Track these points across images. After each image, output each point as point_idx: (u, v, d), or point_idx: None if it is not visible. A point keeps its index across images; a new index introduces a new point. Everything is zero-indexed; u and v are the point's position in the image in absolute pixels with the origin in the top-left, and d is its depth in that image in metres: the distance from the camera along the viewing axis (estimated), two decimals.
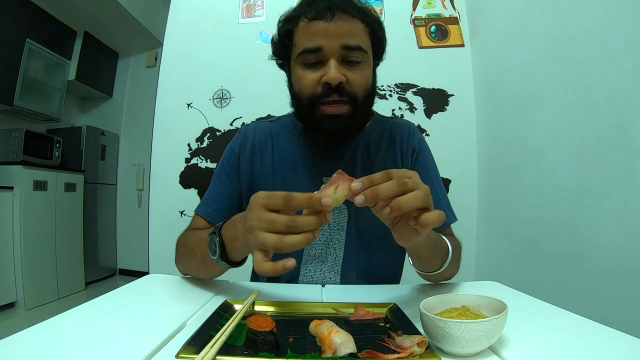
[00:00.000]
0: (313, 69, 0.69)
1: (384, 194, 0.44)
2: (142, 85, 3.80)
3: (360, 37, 0.69)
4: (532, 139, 1.27)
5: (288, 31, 0.72)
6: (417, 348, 0.39)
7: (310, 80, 0.69)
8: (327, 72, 0.66)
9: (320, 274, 0.79)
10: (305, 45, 0.68)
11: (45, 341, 0.43)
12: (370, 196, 0.44)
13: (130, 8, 3.24)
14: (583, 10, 1.04)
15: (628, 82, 0.89)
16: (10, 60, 2.77)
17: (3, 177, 2.61)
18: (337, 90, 0.67)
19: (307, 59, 0.69)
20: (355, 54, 0.68)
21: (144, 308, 0.58)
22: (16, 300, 2.56)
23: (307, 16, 0.68)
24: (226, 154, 0.84)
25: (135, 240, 3.65)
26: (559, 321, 0.53)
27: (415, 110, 1.67)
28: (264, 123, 0.86)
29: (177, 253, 0.75)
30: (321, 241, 0.78)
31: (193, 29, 1.75)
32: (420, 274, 0.69)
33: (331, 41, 0.66)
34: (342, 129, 0.70)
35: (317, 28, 0.67)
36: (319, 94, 0.68)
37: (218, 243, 0.57)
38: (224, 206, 0.80)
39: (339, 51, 0.67)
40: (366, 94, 0.71)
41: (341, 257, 0.79)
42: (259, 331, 0.41)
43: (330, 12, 0.66)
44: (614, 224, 0.92)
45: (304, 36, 0.69)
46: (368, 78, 0.72)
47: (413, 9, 1.73)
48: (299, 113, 0.75)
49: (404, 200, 0.44)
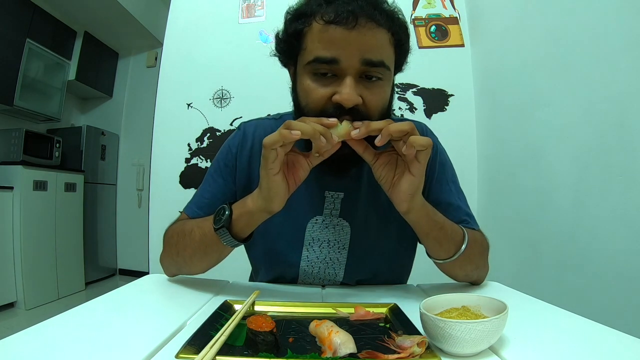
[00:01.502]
0: (324, 81, 0.58)
1: (374, 125, 0.52)
2: (142, 85, 3.80)
3: (385, 51, 0.59)
4: (532, 139, 1.27)
5: (298, 31, 0.60)
6: (417, 348, 0.39)
7: (320, 96, 0.58)
8: (341, 91, 0.56)
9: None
10: (319, 54, 0.57)
11: (45, 341, 0.43)
12: (364, 128, 0.53)
13: (130, 8, 3.24)
14: (583, 11, 1.04)
15: (628, 82, 0.89)
16: (10, 60, 2.77)
17: (3, 177, 2.61)
18: (350, 113, 0.57)
19: (318, 68, 0.58)
20: (377, 70, 0.58)
21: (144, 308, 0.58)
22: (16, 300, 2.56)
23: (323, 17, 0.57)
24: (223, 152, 0.76)
25: (135, 240, 3.65)
26: (559, 321, 0.53)
27: (415, 110, 1.67)
28: (265, 121, 0.78)
29: (165, 247, 0.70)
30: (319, 260, 0.73)
31: (193, 29, 1.75)
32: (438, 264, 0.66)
33: (351, 53, 0.56)
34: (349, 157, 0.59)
35: (335, 35, 0.56)
36: (328, 114, 0.56)
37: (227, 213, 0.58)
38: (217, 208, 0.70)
39: (358, 66, 0.56)
40: (381, 115, 0.60)
41: (341, 276, 0.74)
42: (259, 331, 0.41)
43: (353, 17, 0.55)
44: (614, 224, 0.92)
45: (317, 41, 0.58)
46: (386, 97, 0.62)
47: (413, 9, 1.73)
48: None
49: (391, 126, 0.51)
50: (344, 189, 0.72)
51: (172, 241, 0.68)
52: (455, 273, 0.69)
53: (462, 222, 0.70)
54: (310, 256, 0.72)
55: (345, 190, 0.72)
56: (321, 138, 0.51)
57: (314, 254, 0.72)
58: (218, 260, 0.67)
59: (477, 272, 0.70)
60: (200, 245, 0.64)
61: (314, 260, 0.73)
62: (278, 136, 0.50)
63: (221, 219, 0.58)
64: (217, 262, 0.67)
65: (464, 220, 0.71)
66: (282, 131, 0.50)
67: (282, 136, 0.50)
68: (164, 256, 0.71)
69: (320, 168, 0.62)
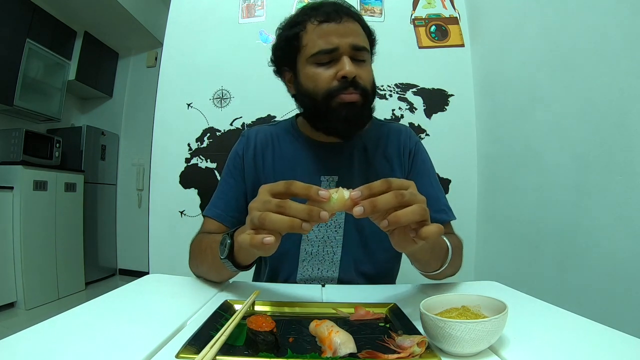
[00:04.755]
0: (326, 66, 0.73)
1: (382, 206, 0.45)
2: (142, 85, 3.80)
3: (364, 39, 0.76)
4: (532, 139, 1.27)
5: (295, 34, 0.76)
6: (417, 348, 0.39)
7: (326, 77, 0.73)
8: (343, 67, 0.71)
9: (317, 272, 0.80)
10: (321, 47, 0.72)
11: (45, 341, 0.43)
12: (369, 208, 0.45)
13: (130, 8, 3.24)
14: (583, 10, 1.04)
15: (628, 82, 0.89)
16: (10, 60, 2.77)
17: (3, 177, 2.61)
18: (353, 84, 0.72)
19: (321, 59, 0.73)
20: (362, 53, 0.74)
21: (144, 308, 0.58)
22: (16, 300, 2.56)
23: (317, 19, 0.73)
24: (231, 157, 0.87)
25: (135, 240, 3.65)
26: (559, 321, 0.53)
27: (415, 110, 1.67)
28: (265, 127, 0.90)
29: (190, 256, 0.76)
30: (317, 238, 0.80)
31: (193, 29, 1.75)
32: (422, 274, 0.70)
33: (344, 41, 0.72)
34: (357, 116, 0.75)
35: (331, 29, 0.72)
36: (336, 87, 0.72)
37: (228, 243, 0.60)
38: (232, 206, 0.82)
39: (350, 50, 0.72)
40: (372, 88, 0.77)
41: (339, 255, 0.80)
42: (259, 331, 0.41)
43: (339, 15, 0.73)
44: (614, 224, 0.92)
45: (317, 38, 0.73)
46: (372, 75, 0.78)
47: (413, 9, 1.73)
48: (312, 109, 0.77)
49: (401, 214, 0.45)
50: (338, 173, 0.81)
51: (194, 254, 0.75)
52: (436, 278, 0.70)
53: (440, 211, 0.81)
54: (309, 236, 0.80)
55: (339, 174, 0.81)
56: (303, 226, 0.45)
57: (312, 234, 0.80)
58: (232, 276, 0.70)
59: (453, 270, 0.74)
60: (213, 266, 0.68)
61: (313, 239, 0.80)
62: (249, 245, 0.47)
63: (224, 250, 0.61)
64: (232, 277, 0.71)
65: (442, 210, 0.82)
66: (254, 242, 0.46)
67: (253, 247, 0.47)
68: (190, 264, 0.77)
69: (316, 153, 0.82)
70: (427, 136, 1.65)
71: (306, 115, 0.81)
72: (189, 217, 1.64)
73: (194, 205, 1.65)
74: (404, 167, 0.85)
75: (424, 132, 1.66)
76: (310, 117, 0.80)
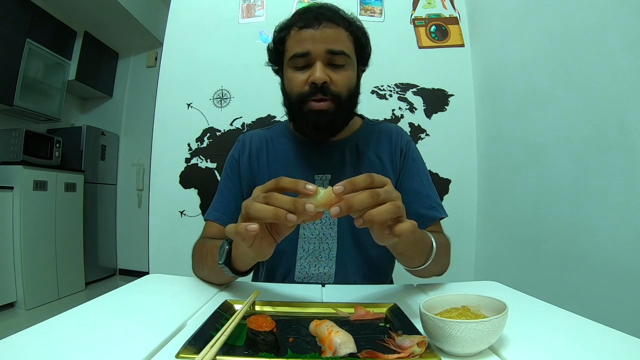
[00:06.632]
0: (302, 71, 0.76)
1: (357, 206, 0.46)
2: (142, 85, 3.80)
3: (344, 44, 0.77)
4: (532, 138, 1.27)
5: (281, 39, 0.80)
6: (417, 348, 0.39)
7: (299, 81, 0.76)
8: (313, 73, 0.74)
9: (315, 269, 0.81)
10: (295, 51, 0.76)
11: (45, 341, 0.43)
12: (345, 208, 0.46)
13: (130, 8, 3.24)
14: (583, 10, 1.04)
15: (628, 82, 0.89)
16: (10, 60, 2.77)
17: (3, 177, 2.61)
18: (322, 90, 0.74)
19: (296, 62, 0.76)
20: (339, 57, 0.76)
21: (144, 308, 0.58)
22: (16, 300, 2.56)
23: (297, 25, 0.77)
24: (228, 161, 0.91)
25: (135, 240, 3.65)
26: (559, 321, 0.53)
27: (415, 110, 1.67)
28: (259, 131, 0.94)
29: (193, 260, 0.78)
30: (314, 236, 0.82)
31: (193, 29, 1.75)
32: (406, 269, 0.69)
33: (317, 46, 0.74)
34: (327, 123, 0.78)
35: (306, 35, 0.75)
36: (306, 93, 0.75)
37: (226, 249, 0.62)
38: (231, 209, 0.84)
39: (325, 55, 0.74)
40: (349, 93, 0.78)
41: (335, 252, 0.82)
42: (259, 331, 0.41)
43: (317, 21, 0.75)
44: (614, 224, 0.92)
45: (294, 43, 0.77)
46: (351, 79, 0.79)
47: (413, 9, 1.73)
48: (289, 111, 0.82)
49: (375, 213, 0.46)
50: (330, 171, 0.84)
51: (196, 258, 0.77)
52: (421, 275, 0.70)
53: (431, 208, 0.81)
54: (306, 232, 0.82)
55: (332, 172, 0.84)
56: (288, 217, 0.46)
57: (308, 231, 0.83)
58: (232, 279, 0.70)
59: (440, 269, 0.74)
60: (213, 271, 0.69)
61: (309, 237, 0.82)
62: (234, 233, 0.49)
63: (222, 255, 0.62)
64: (232, 281, 0.71)
65: (433, 207, 0.82)
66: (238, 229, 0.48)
67: (238, 234, 0.49)
68: (194, 267, 0.78)
69: (309, 153, 0.86)
70: (427, 136, 1.65)
71: (288, 116, 0.85)
72: (189, 217, 1.64)
73: (194, 205, 1.65)
74: (396, 165, 0.86)
75: (424, 132, 1.66)
76: (290, 118, 0.85)
